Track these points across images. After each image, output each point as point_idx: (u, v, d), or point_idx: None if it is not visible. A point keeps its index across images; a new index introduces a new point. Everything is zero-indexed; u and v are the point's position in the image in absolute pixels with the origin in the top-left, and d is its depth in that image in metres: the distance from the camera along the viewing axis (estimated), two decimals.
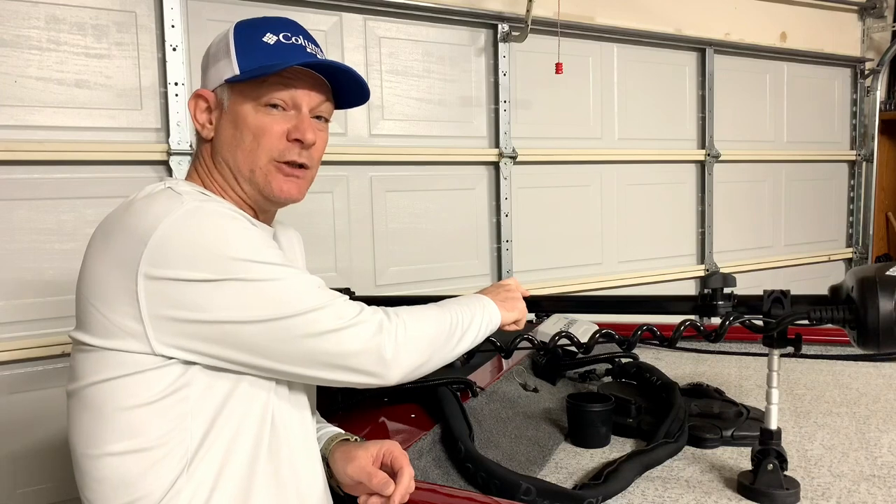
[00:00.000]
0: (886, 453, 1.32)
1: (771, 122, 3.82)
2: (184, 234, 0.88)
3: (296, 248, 1.22)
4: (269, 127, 1.01)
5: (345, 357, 0.93)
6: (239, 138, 1.01)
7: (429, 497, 1.07)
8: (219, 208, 0.93)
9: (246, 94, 1.01)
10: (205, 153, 1.06)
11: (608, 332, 1.34)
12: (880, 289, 1.05)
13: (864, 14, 4.08)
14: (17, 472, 2.09)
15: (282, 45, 1.02)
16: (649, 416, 1.45)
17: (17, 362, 2.09)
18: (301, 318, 0.91)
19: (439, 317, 1.04)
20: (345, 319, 0.93)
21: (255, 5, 2.42)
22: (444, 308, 1.08)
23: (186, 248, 0.87)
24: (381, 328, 0.95)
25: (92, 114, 2.18)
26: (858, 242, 4.17)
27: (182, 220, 0.88)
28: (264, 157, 1.02)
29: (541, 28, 2.87)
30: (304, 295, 0.92)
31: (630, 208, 3.36)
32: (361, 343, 0.93)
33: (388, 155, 2.70)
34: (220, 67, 1.03)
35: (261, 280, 0.89)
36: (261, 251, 0.92)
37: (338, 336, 0.92)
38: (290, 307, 0.90)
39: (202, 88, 1.05)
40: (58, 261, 2.10)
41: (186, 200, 0.91)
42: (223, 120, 1.03)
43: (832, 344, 2.02)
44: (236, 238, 0.90)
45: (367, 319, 0.95)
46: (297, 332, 0.91)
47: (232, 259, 0.88)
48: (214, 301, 0.87)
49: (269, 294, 0.90)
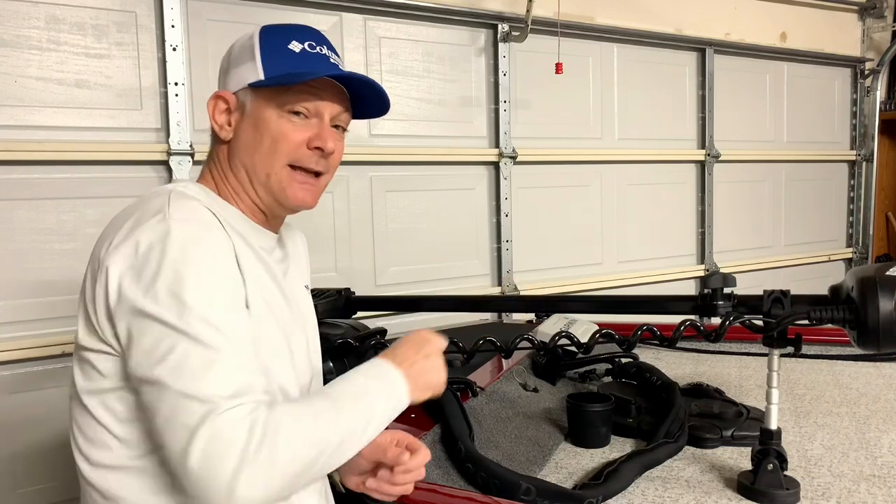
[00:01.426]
0: (886, 453, 1.32)
1: (771, 122, 3.82)
2: (152, 252, 0.87)
3: (300, 250, 1.22)
4: (290, 133, 1.01)
5: (181, 466, 0.80)
6: (258, 141, 1.01)
7: (429, 497, 1.07)
8: (199, 236, 0.90)
9: (269, 99, 1.01)
10: (220, 155, 1.06)
11: (608, 332, 1.34)
12: (880, 289, 1.05)
13: (864, 14, 4.08)
14: (17, 472, 2.09)
15: (307, 54, 1.02)
16: (649, 416, 1.45)
17: (17, 362, 2.09)
18: (176, 398, 0.81)
19: (326, 437, 0.87)
20: (204, 438, 0.79)
21: (256, 5, 2.42)
22: (339, 411, 0.90)
23: (147, 269, 0.86)
24: (240, 466, 0.78)
25: (92, 114, 2.18)
26: (858, 242, 4.17)
27: (156, 238, 0.88)
28: (281, 162, 1.02)
29: (541, 28, 2.87)
30: (203, 375, 0.82)
31: (630, 208, 3.36)
32: (202, 474, 0.79)
33: (388, 155, 2.70)
34: (243, 70, 1.02)
35: (183, 334, 0.83)
36: (209, 304, 0.86)
37: (190, 442, 0.79)
38: (178, 379, 0.82)
39: (223, 90, 1.04)
40: (58, 261, 2.10)
41: (172, 216, 0.90)
42: (244, 123, 1.02)
43: (832, 344, 2.02)
44: (195, 277, 0.86)
45: (229, 450, 0.79)
46: (163, 407, 0.83)
47: (177, 298, 0.84)
48: (138, 328, 0.86)
49: (176, 352, 0.83)
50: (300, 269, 1.18)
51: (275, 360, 0.98)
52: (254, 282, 0.97)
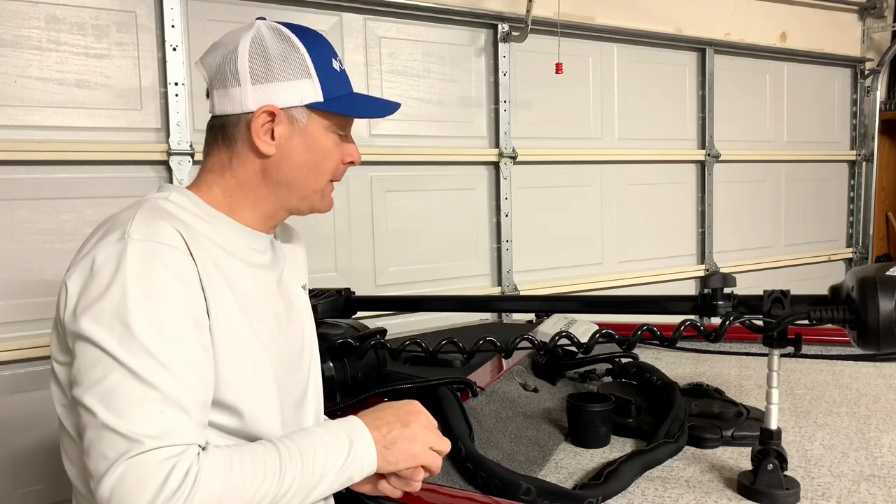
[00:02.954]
0: (886, 453, 1.32)
1: (771, 122, 3.82)
2: (103, 272, 0.86)
3: (298, 250, 1.21)
4: (335, 153, 1.05)
5: (95, 495, 0.79)
6: (313, 162, 1.03)
7: (429, 497, 1.07)
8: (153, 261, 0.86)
9: (325, 120, 1.02)
10: (249, 167, 1.01)
11: (608, 332, 1.34)
12: (880, 289, 1.05)
13: (864, 14, 4.08)
14: (17, 472, 2.09)
15: (343, 74, 1.06)
16: (649, 416, 1.45)
17: (17, 362, 2.09)
18: (100, 428, 0.79)
19: (259, 489, 0.83)
20: (119, 473, 0.77)
21: (256, 5, 2.42)
22: (283, 469, 0.86)
23: (95, 289, 0.85)
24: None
25: (92, 114, 2.18)
26: (858, 242, 4.17)
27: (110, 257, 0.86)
28: (326, 179, 1.06)
29: (541, 28, 2.87)
30: (132, 409, 0.80)
31: (630, 208, 3.36)
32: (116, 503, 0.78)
33: (388, 155, 2.70)
34: (297, 87, 0.99)
35: (121, 364, 0.81)
36: (155, 334, 0.83)
37: (105, 473, 0.78)
38: (105, 409, 0.80)
39: (269, 104, 0.98)
40: (58, 261, 2.11)
41: (131, 235, 0.87)
42: (295, 140, 1.00)
43: (832, 344, 2.02)
44: (142, 304, 0.84)
45: (140, 493, 0.77)
46: (88, 433, 0.81)
47: (122, 323, 0.82)
48: (78, 350, 0.84)
49: (110, 381, 0.81)
50: (297, 269, 1.17)
51: (255, 366, 0.96)
52: (233, 292, 0.95)
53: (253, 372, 0.96)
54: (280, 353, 1.03)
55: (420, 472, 0.99)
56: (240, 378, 0.94)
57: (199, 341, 0.88)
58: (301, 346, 1.11)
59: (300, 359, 1.10)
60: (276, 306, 1.05)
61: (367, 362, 1.53)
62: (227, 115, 1.00)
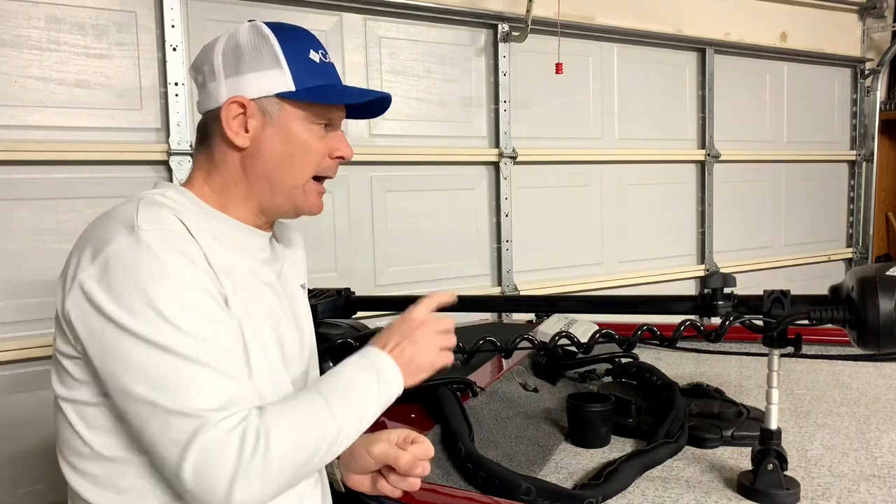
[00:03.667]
0: (886, 453, 1.32)
1: (771, 122, 3.82)
2: (121, 264, 0.86)
3: (297, 250, 1.21)
4: (319, 146, 1.02)
5: (178, 481, 0.82)
6: (290, 154, 1.00)
7: (429, 497, 1.07)
8: (167, 248, 0.87)
9: (301, 110, 1.00)
10: (230, 162, 1.01)
11: (608, 332, 1.34)
12: (880, 289, 1.05)
13: (864, 14, 4.08)
14: (17, 472, 2.10)
15: (325, 66, 1.03)
16: (649, 416, 1.45)
17: (17, 362, 2.09)
18: (164, 415, 0.81)
19: (320, 434, 0.87)
20: (197, 449, 0.80)
21: (256, 5, 2.42)
22: (332, 409, 0.90)
23: (117, 281, 0.85)
24: (234, 475, 0.80)
25: (92, 114, 2.18)
26: (858, 242, 4.17)
27: (125, 250, 0.86)
28: (308, 174, 1.03)
29: (541, 28, 2.87)
30: (188, 390, 0.82)
31: (630, 208, 3.36)
32: (196, 488, 0.81)
33: (388, 155, 2.70)
34: (266, 76, 0.98)
35: (161, 348, 0.82)
36: (185, 313, 0.85)
37: (178, 463, 0.80)
38: (163, 396, 0.82)
39: (236, 94, 0.99)
40: (58, 261, 2.08)
41: (140, 226, 0.88)
42: (268, 132, 1.00)
43: (832, 344, 2.02)
44: (167, 288, 0.85)
45: (222, 461, 0.80)
46: (151, 424, 0.82)
47: (151, 310, 0.83)
48: (112, 345, 0.84)
49: (158, 368, 0.82)
50: (296, 269, 1.17)
51: (262, 363, 0.96)
52: (235, 286, 0.95)
53: (262, 354, 0.97)
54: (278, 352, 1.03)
55: (419, 465, 1.00)
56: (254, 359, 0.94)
57: (225, 313, 0.91)
58: (300, 345, 1.11)
59: (299, 358, 1.10)
60: (275, 304, 1.05)
61: None
62: (207, 112, 1.02)
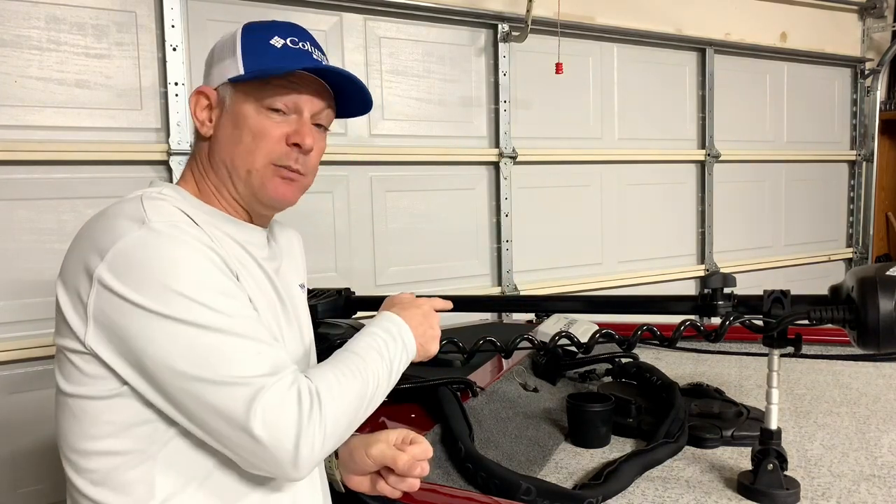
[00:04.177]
0: (886, 453, 1.32)
1: (771, 122, 3.82)
2: (138, 254, 0.86)
3: (295, 249, 1.21)
4: (270, 130, 1.00)
5: (243, 448, 0.85)
6: (238, 137, 1.00)
7: (429, 497, 1.07)
8: (179, 234, 0.89)
9: (249, 95, 1.00)
10: (202, 152, 1.06)
11: (608, 332, 1.34)
12: (880, 289, 1.05)
13: (864, 14, 4.08)
14: (17, 472, 2.09)
15: (288, 50, 1.01)
16: (649, 416, 1.45)
17: (17, 362, 2.09)
18: (216, 387, 0.84)
19: (362, 389, 0.93)
20: (260, 408, 0.83)
21: (255, 5, 2.42)
22: (368, 371, 0.95)
23: (137, 271, 0.85)
24: (299, 430, 0.84)
25: (92, 114, 2.18)
26: (858, 242, 4.17)
27: (139, 240, 0.87)
28: (262, 159, 1.01)
29: (541, 28, 2.87)
30: (233, 360, 0.85)
31: (630, 208, 3.36)
32: (269, 441, 0.83)
33: (388, 155, 2.70)
34: (224, 66, 1.02)
35: (196, 325, 0.84)
36: (209, 292, 0.87)
37: (246, 422, 0.83)
38: (210, 370, 0.84)
39: (204, 85, 1.04)
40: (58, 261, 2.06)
41: (150, 219, 0.89)
42: (224, 119, 1.02)
43: (832, 344, 2.02)
44: (188, 271, 0.86)
45: (287, 416, 0.84)
46: (207, 399, 0.84)
47: (176, 293, 0.85)
48: (145, 332, 0.85)
49: (197, 345, 0.84)
50: (295, 268, 1.17)
51: None
52: (243, 275, 0.97)
53: None
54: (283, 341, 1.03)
55: (417, 466, 1.00)
56: None
57: (243, 295, 0.93)
58: (299, 344, 1.11)
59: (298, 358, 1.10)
60: (274, 302, 1.05)
61: None
62: None
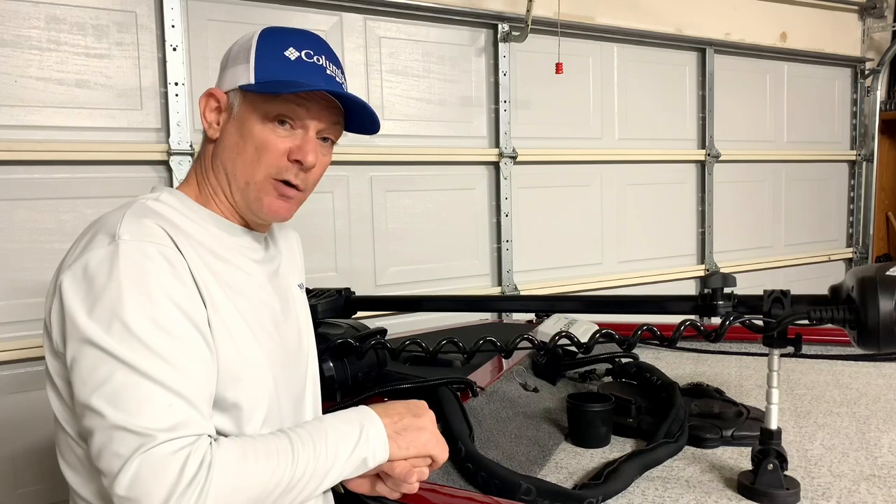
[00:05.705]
0: (886, 453, 1.32)
1: (771, 122, 3.82)
2: (98, 272, 0.86)
3: (294, 249, 1.21)
4: (273, 143, 0.99)
5: (112, 494, 0.80)
6: (242, 147, 1.00)
7: (429, 497, 1.07)
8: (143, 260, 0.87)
9: (256, 105, 0.99)
10: (206, 153, 1.05)
11: (608, 332, 1.34)
12: (880, 289, 1.05)
13: (864, 14, 4.08)
14: (17, 472, 2.10)
15: (302, 63, 0.99)
16: (649, 416, 1.45)
17: (17, 362, 2.09)
18: (110, 429, 0.80)
19: (274, 475, 0.84)
20: (136, 464, 0.78)
21: (256, 5, 2.42)
22: (296, 455, 0.87)
23: (90, 289, 0.85)
24: (167, 498, 0.77)
25: (92, 114, 2.18)
26: (858, 242, 4.17)
27: (104, 257, 0.86)
28: (262, 172, 0.99)
29: (541, 28, 2.87)
30: (140, 407, 0.80)
31: (630, 208, 3.36)
32: (130, 498, 0.78)
33: (388, 155, 2.70)
34: (237, 71, 1.00)
35: (122, 362, 0.81)
36: (151, 328, 0.83)
37: (120, 470, 0.78)
38: (111, 408, 0.80)
39: (216, 88, 1.03)
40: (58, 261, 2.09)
41: (121, 236, 0.88)
42: (230, 124, 1.01)
43: (832, 344, 2.02)
44: (138, 301, 0.84)
45: (160, 480, 0.78)
46: (96, 435, 0.81)
47: (120, 321, 0.82)
48: (78, 348, 0.84)
49: (114, 381, 0.81)
50: (293, 269, 1.17)
51: (247, 371, 0.95)
52: (222, 294, 0.94)
53: (251, 368, 0.96)
54: (276, 351, 1.03)
55: (414, 473, 0.98)
56: (238, 374, 0.93)
57: (200, 334, 0.88)
58: (298, 344, 1.11)
59: (297, 357, 1.10)
60: (272, 304, 1.05)
61: (368, 362, 1.53)
62: None
